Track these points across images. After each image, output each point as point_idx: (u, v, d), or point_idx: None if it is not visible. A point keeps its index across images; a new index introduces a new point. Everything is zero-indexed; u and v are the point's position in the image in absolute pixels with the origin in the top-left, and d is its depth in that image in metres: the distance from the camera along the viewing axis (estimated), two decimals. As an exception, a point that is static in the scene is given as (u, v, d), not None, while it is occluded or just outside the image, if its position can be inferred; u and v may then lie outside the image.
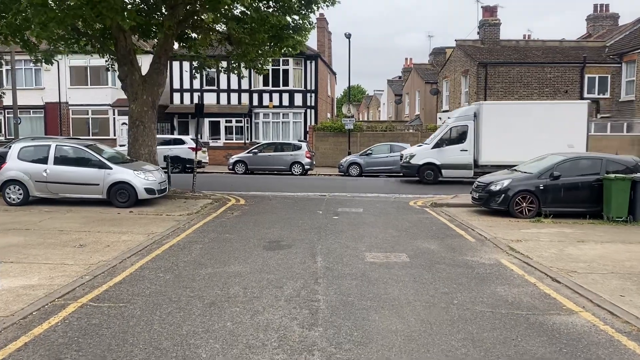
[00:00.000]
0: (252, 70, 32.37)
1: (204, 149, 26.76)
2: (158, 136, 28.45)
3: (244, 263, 8.03)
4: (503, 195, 12.99)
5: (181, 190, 16.05)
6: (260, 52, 17.87)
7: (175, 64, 32.58)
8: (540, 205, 12.85)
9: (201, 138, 32.83)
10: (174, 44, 16.59)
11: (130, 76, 15.80)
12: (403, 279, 7.25)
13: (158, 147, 25.60)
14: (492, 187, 13.25)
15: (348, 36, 28.16)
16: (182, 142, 25.84)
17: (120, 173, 13.33)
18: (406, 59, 53.37)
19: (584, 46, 31.94)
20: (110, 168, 13.31)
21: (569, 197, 12.86)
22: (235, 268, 7.73)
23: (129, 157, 14.94)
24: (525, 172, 13.53)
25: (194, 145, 25.49)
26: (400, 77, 56.12)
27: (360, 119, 62.16)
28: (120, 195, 13.33)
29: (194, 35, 18.42)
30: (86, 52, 18.76)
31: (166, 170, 15.77)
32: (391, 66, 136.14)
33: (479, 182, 14.01)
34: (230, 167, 26.04)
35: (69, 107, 33.14)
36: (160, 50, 16.08)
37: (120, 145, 26.13)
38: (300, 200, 15.99)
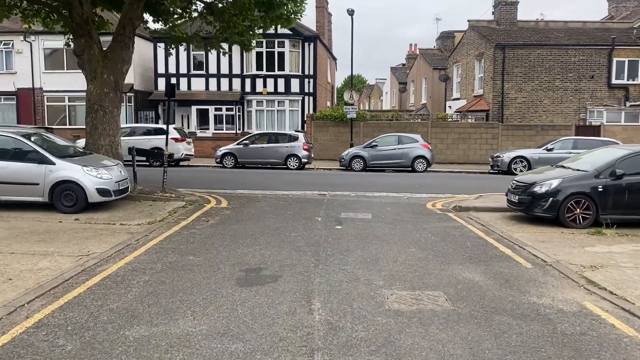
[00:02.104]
0: (243, 51, 29.63)
1: (189, 139, 23.90)
2: (138, 125, 25.73)
3: (201, 314, 5.24)
4: (551, 199, 10.20)
5: (150, 190, 13.24)
6: (247, 23, 15.03)
7: (160, 47, 29.60)
8: (598, 212, 10.09)
9: (189, 127, 30.06)
10: (142, 13, 13.70)
11: (87, 50, 12.97)
12: (453, 351, 4.46)
13: (137, 137, 22.92)
14: (537, 189, 10.45)
15: (351, 13, 25.22)
16: (164, 132, 22.90)
17: (65, 170, 10.50)
18: (411, 44, 50.47)
19: (610, 27, 29.08)
20: (53, 163, 10.48)
21: (635, 201, 10.09)
22: (184, 326, 4.93)
23: (81, 150, 12.10)
24: (577, 170, 10.72)
25: (177, 136, 22.78)
26: (404, 65, 53.15)
27: (362, 109, 59.25)
28: (66, 198, 10.52)
29: (171, 8, 15.56)
30: (46, 25, 15.89)
31: (131, 164, 12.99)
32: (393, 56, 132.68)
33: (518, 182, 11.20)
34: (218, 160, 23.21)
35: (44, 94, 30.22)
36: (124, 18, 13.21)
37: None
38: (295, 202, 13.22)
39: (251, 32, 15.42)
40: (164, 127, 23.85)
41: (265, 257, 7.55)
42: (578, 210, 10.10)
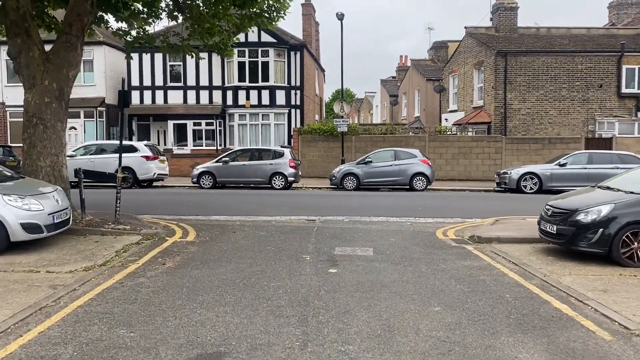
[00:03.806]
0: (224, 62, 27.47)
1: (163, 157, 21.55)
2: (106, 142, 23.30)
3: None
4: (601, 230, 8.04)
5: (101, 220, 10.89)
6: (222, 23, 12.97)
7: (134, 57, 27.35)
8: (660, 246, 7.96)
9: (165, 144, 27.77)
10: (93, 8, 11.42)
11: (25, 52, 10.73)
12: None
13: (106, 156, 20.52)
14: (581, 218, 8.28)
15: (340, 17, 23.20)
16: (133, 149, 20.62)
17: (-22, 200, 8.16)
18: (401, 56, 48.68)
19: (615, 34, 27.39)
20: (-36, 192, 8.15)
21: None
22: None
23: (8, 173, 9.74)
24: (630, 192, 8.57)
25: (149, 153, 20.46)
26: (394, 77, 51.36)
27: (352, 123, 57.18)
28: (-19, 237, 8.17)
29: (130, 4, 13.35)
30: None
31: (76, 185, 10.69)
32: (383, 71, 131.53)
33: (554, 207, 9.02)
34: (195, 180, 20.89)
35: (6, 109, 27.80)
36: (71, 14, 10.95)
37: (68, 157, 20.89)
38: (278, 232, 10.97)
39: (226, 34, 13.33)
40: (132, 143, 21.65)
41: (231, 329, 5.26)
42: (636, 244, 7.97)
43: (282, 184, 20.58)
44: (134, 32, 13.47)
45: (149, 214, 13.28)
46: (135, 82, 27.88)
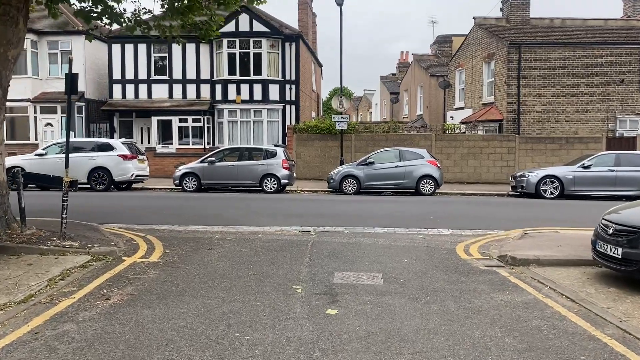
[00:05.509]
0: (212, 53, 25.46)
1: (142, 157, 19.52)
2: (81, 139, 21.26)
3: None
4: (686, 257, 6.08)
5: (48, 233, 8.86)
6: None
7: (116, 47, 25.39)
8: None
9: (149, 142, 25.72)
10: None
11: (-47, 27, 8.68)
12: None
13: (82, 155, 18.50)
14: (658, 238, 6.31)
15: (339, 2, 21.23)
16: (109, 147, 18.61)
17: None
18: (402, 52, 46.72)
19: (635, 26, 25.53)
20: None
21: None
22: None
23: None
24: None
25: (126, 152, 18.44)
26: (394, 74, 49.41)
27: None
28: None
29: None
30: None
31: (15, 189, 8.66)
32: (382, 70, 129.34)
33: (616, 224, 7.01)
34: (177, 182, 18.90)
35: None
36: (10, -19, 8.92)
37: (37, 155, 18.93)
38: (265, 248, 9.01)
39: (207, 11, 11.33)
40: (108, 141, 19.73)
41: None
42: None
43: (274, 187, 18.63)
44: (98, 9, 11.47)
45: (117, 222, 11.41)
46: (117, 74, 25.81)
